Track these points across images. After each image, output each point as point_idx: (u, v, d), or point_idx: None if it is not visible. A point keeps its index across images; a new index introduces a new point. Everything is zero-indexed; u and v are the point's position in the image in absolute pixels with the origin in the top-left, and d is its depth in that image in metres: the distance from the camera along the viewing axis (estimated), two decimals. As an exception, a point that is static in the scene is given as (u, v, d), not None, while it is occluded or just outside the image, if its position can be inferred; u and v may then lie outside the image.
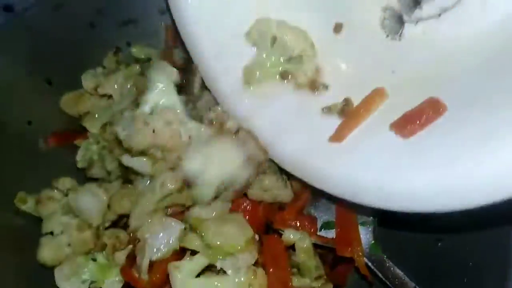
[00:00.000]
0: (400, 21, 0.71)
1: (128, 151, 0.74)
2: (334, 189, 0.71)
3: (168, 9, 1.06)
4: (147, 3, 1.04)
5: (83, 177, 0.92)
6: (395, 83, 0.72)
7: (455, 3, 0.67)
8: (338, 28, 0.77)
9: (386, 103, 0.71)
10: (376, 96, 0.72)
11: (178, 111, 0.76)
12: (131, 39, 1.04)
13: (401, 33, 0.72)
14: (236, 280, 0.72)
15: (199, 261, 0.73)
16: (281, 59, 0.79)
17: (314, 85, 0.78)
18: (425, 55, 0.71)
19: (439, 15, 0.68)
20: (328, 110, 0.75)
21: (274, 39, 0.78)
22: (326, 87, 0.77)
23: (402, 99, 0.69)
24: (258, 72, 0.79)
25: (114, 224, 0.84)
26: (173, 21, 1.05)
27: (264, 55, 0.79)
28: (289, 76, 0.79)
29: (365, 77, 0.75)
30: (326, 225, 0.87)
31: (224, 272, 0.72)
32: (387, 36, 0.73)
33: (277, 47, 0.78)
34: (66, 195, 0.80)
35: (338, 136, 0.72)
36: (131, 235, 0.80)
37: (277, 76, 0.79)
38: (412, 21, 0.71)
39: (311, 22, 0.78)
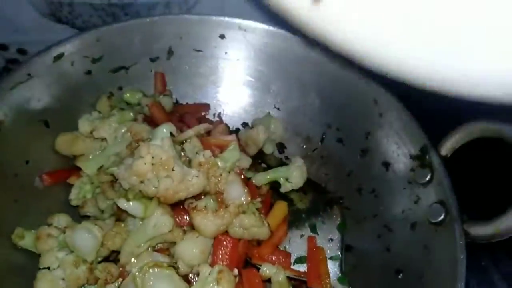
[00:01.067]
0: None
1: (122, 194, 0.82)
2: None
3: (158, 57, 1.16)
4: (140, 52, 1.12)
5: (77, 214, 0.96)
6: None
7: None
8: None
9: None
10: None
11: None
12: (122, 84, 1.11)
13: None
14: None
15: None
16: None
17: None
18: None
19: None
20: None
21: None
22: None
23: None
24: None
25: (106, 257, 0.88)
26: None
27: None
28: None
29: None
30: (299, 260, 0.95)
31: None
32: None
33: None
34: (64, 232, 0.84)
35: None
36: (121, 269, 0.86)
37: None
38: None
39: None
